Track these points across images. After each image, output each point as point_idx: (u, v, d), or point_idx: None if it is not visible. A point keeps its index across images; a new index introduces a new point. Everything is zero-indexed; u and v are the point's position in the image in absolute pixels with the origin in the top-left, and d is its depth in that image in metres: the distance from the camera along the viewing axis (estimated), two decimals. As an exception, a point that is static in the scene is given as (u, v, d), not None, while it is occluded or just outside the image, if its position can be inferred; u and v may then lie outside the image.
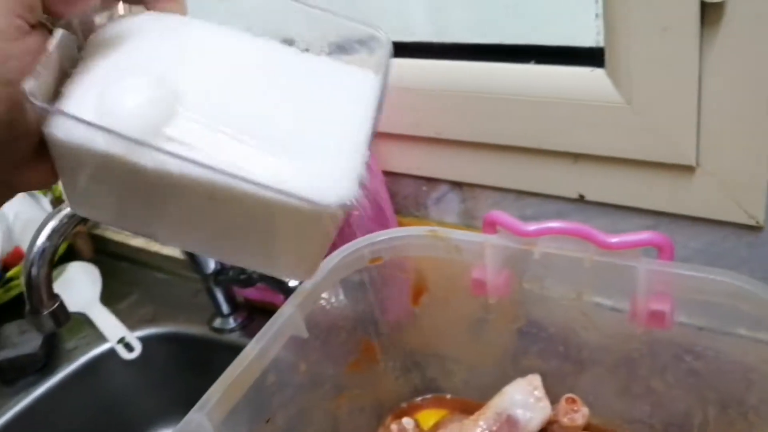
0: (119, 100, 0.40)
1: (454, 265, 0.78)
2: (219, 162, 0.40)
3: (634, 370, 0.75)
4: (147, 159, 0.40)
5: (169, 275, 1.22)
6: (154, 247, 1.25)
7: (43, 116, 0.40)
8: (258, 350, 0.67)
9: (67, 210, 0.84)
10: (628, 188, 0.85)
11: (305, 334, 0.72)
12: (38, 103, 0.38)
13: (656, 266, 0.69)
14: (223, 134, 0.42)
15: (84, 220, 0.85)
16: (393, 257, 0.78)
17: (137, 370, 1.10)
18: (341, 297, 0.77)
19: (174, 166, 0.40)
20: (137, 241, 1.28)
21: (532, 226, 0.73)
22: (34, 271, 0.83)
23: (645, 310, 0.71)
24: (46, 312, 0.83)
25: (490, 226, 0.76)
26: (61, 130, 0.40)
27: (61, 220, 0.83)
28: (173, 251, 1.21)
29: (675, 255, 0.70)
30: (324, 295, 0.75)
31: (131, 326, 1.11)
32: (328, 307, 0.75)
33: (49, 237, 0.83)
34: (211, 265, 1.06)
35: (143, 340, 1.10)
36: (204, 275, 1.07)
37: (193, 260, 1.07)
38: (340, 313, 0.76)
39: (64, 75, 0.42)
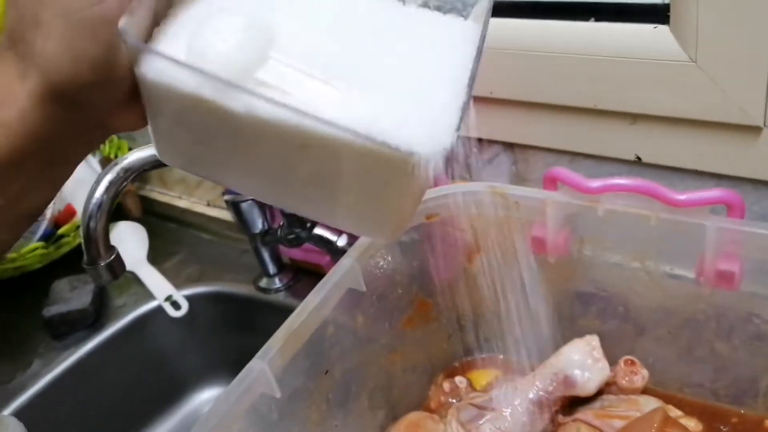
0: (212, 41, 0.38)
1: (511, 224, 0.75)
2: (312, 108, 0.37)
3: (697, 332, 0.72)
4: (238, 103, 0.38)
5: (215, 236, 1.21)
6: (200, 208, 1.24)
7: (135, 56, 0.38)
8: (318, 301, 0.66)
9: (123, 163, 0.82)
10: (689, 150, 0.81)
11: (363, 288, 0.70)
12: (132, 41, 0.37)
13: (726, 224, 0.66)
14: (317, 80, 0.39)
15: (137, 176, 0.83)
16: (449, 214, 0.75)
17: (184, 328, 1.09)
18: (397, 253, 0.74)
19: (265, 110, 0.38)
20: (183, 202, 1.27)
21: (596, 183, 0.70)
22: (92, 223, 0.82)
23: (713, 271, 0.68)
24: (103, 263, 0.82)
25: (551, 183, 0.73)
26: (153, 70, 0.38)
27: (117, 174, 0.82)
28: (220, 212, 1.20)
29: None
30: (381, 250, 0.72)
31: (178, 285, 1.11)
32: (383, 263, 0.73)
33: (106, 190, 0.82)
34: (259, 225, 1.04)
35: (189, 298, 1.09)
36: (251, 234, 1.05)
37: (240, 219, 1.05)
38: (396, 269, 0.74)
39: (158, 16, 0.40)
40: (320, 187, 0.43)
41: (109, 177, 0.82)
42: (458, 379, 0.79)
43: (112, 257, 0.84)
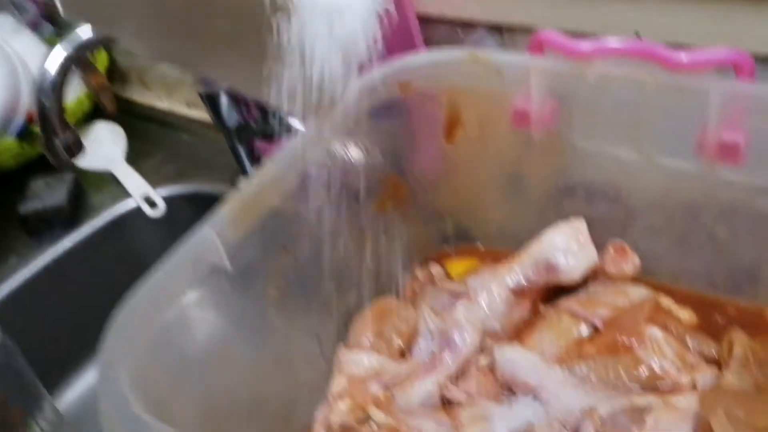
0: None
1: (494, 95, 0.66)
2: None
3: (695, 215, 0.64)
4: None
5: (194, 136, 1.14)
6: (180, 108, 1.17)
7: None
8: (274, 171, 0.58)
9: (72, 37, 0.75)
10: (694, 24, 0.71)
11: (328, 161, 0.62)
12: None
13: (732, 88, 0.57)
14: None
15: (90, 50, 0.76)
16: (425, 85, 0.67)
17: (161, 228, 1.03)
18: (368, 127, 0.66)
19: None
20: (163, 103, 1.20)
21: (586, 45, 0.61)
22: (45, 101, 0.75)
23: (715, 143, 0.59)
24: (60, 143, 0.76)
25: (537, 48, 0.64)
26: None
27: (67, 48, 0.74)
28: (200, 113, 1.12)
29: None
30: (348, 123, 0.64)
31: (155, 184, 1.04)
32: (352, 137, 0.65)
33: (58, 65, 0.74)
34: (235, 120, 0.97)
35: (167, 198, 1.02)
36: (227, 130, 0.98)
37: (216, 114, 0.97)
38: (365, 145, 0.66)
39: None
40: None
41: (58, 52, 0.74)
42: (434, 267, 0.72)
43: (71, 138, 0.77)
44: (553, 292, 0.68)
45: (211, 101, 0.97)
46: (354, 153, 0.67)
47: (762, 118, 0.57)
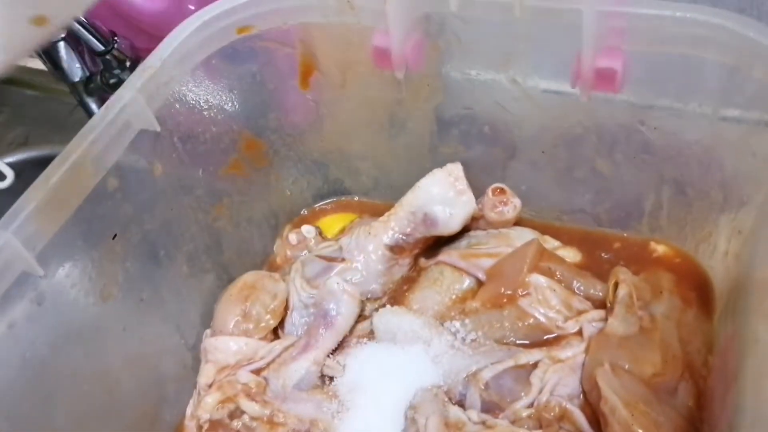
0: None
1: (351, 33, 0.56)
2: None
3: (575, 149, 0.58)
4: None
5: (42, 91, 0.98)
6: (24, 60, 1.00)
7: None
8: (85, 147, 0.47)
9: None
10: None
11: (156, 127, 0.52)
12: None
13: (606, 6, 0.49)
14: None
15: None
16: (269, 27, 0.56)
17: (12, 200, 0.89)
18: (205, 81, 0.55)
19: None
20: (2, 55, 1.02)
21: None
22: None
23: (591, 71, 0.53)
24: None
25: (392, -26, 0.54)
26: None
27: None
28: (42, 64, 0.96)
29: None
30: (179, 78, 0.53)
31: (1, 151, 0.89)
32: (188, 94, 0.54)
33: None
34: (78, 72, 0.82)
35: (15, 166, 0.88)
36: (72, 84, 0.84)
37: (56, 67, 0.83)
38: (206, 101, 0.56)
39: None
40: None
41: None
42: (305, 228, 0.64)
43: None
44: (432, 244, 0.61)
45: (47, 53, 0.82)
46: (196, 106, 0.56)
47: (639, 40, 0.50)
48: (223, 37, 0.55)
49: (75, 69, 0.84)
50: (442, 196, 0.59)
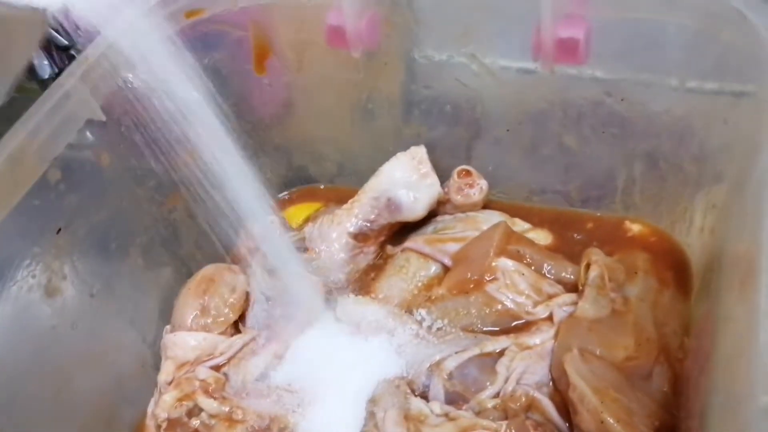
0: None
1: (304, 12, 0.53)
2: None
3: (541, 126, 0.54)
4: None
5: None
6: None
7: None
8: (23, 138, 0.45)
9: None
10: None
11: (101, 117, 0.49)
12: None
13: (564, -28, 0.46)
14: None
15: None
16: (220, 9, 0.53)
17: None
18: (154, 68, 0.52)
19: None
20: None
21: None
22: None
23: (552, 42, 0.49)
24: None
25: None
26: None
27: None
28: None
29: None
30: (126, 66, 0.50)
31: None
32: (136, 82, 0.51)
33: None
34: (47, 69, 0.80)
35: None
36: (41, 81, 0.81)
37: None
38: (156, 89, 0.53)
39: None
40: None
41: None
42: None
43: None
44: (398, 230, 0.58)
45: (17, 50, 0.80)
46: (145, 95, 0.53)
47: (602, 5, 0.47)
48: (172, 22, 0.53)
49: (44, 66, 0.81)
50: (405, 180, 0.56)
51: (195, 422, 0.50)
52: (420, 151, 0.56)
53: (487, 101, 0.54)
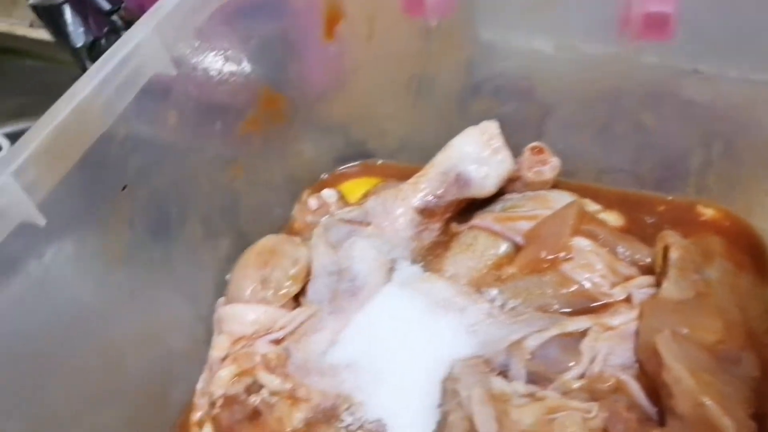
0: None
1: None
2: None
3: (618, 103, 0.52)
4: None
5: (41, 61, 0.92)
6: (22, 30, 0.94)
7: None
8: (92, 88, 0.42)
9: None
10: None
11: (172, 71, 0.46)
12: None
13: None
14: None
15: None
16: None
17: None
18: (223, 28, 0.50)
19: None
20: (1, 25, 0.96)
21: None
22: None
23: (640, 16, 0.48)
24: None
25: None
26: None
27: None
28: (43, 33, 0.90)
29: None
30: (197, 20, 0.48)
31: (-3, 122, 0.84)
32: (205, 39, 0.49)
33: None
34: (81, 37, 0.77)
35: (12, 136, 0.82)
36: (74, 50, 0.78)
37: (59, 32, 0.77)
38: (225, 49, 0.50)
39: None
40: None
41: None
42: (326, 192, 0.58)
43: None
44: (464, 207, 0.56)
45: (50, 16, 0.77)
46: (214, 54, 0.50)
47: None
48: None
49: (79, 33, 0.78)
50: (476, 155, 0.54)
51: (254, 399, 0.48)
52: (492, 126, 0.53)
53: (562, 77, 0.52)
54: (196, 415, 0.49)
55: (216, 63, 0.50)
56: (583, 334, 0.47)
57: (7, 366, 0.38)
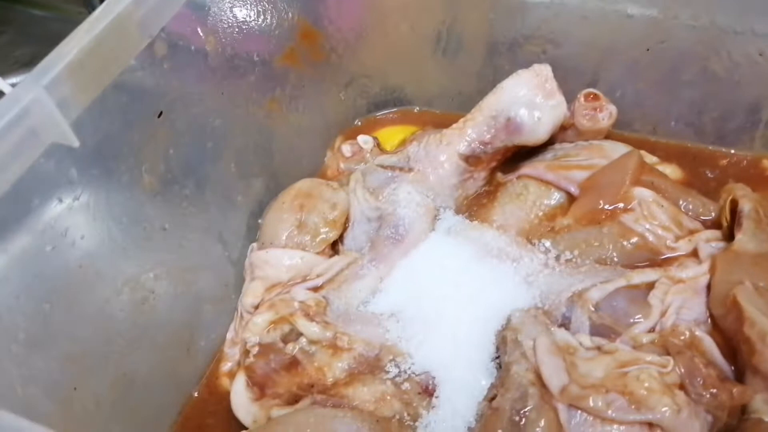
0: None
1: None
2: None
3: (688, 47, 0.48)
4: None
5: (50, 10, 0.87)
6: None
7: None
8: (128, 3, 0.37)
9: None
10: None
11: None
12: None
13: None
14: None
15: None
16: None
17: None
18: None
19: None
20: (7, -26, 0.91)
21: None
22: None
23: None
24: None
25: None
26: None
27: None
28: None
29: None
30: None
31: (4, 72, 0.79)
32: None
33: None
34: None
35: (20, 86, 0.78)
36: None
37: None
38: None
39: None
40: None
41: None
42: (362, 138, 0.54)
43: None
44: (511, 156, 0.52)
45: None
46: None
47: None
48: None
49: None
50: (528, 98, 0.49)
51: (292, 348, 0.44)
52: (545, 69, 0.49)
53: (625, 17, 0.49)
54: (227, 365, 0.45)
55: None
56: (650, 286, 0.43)
57: (37, 298, 0.34)
